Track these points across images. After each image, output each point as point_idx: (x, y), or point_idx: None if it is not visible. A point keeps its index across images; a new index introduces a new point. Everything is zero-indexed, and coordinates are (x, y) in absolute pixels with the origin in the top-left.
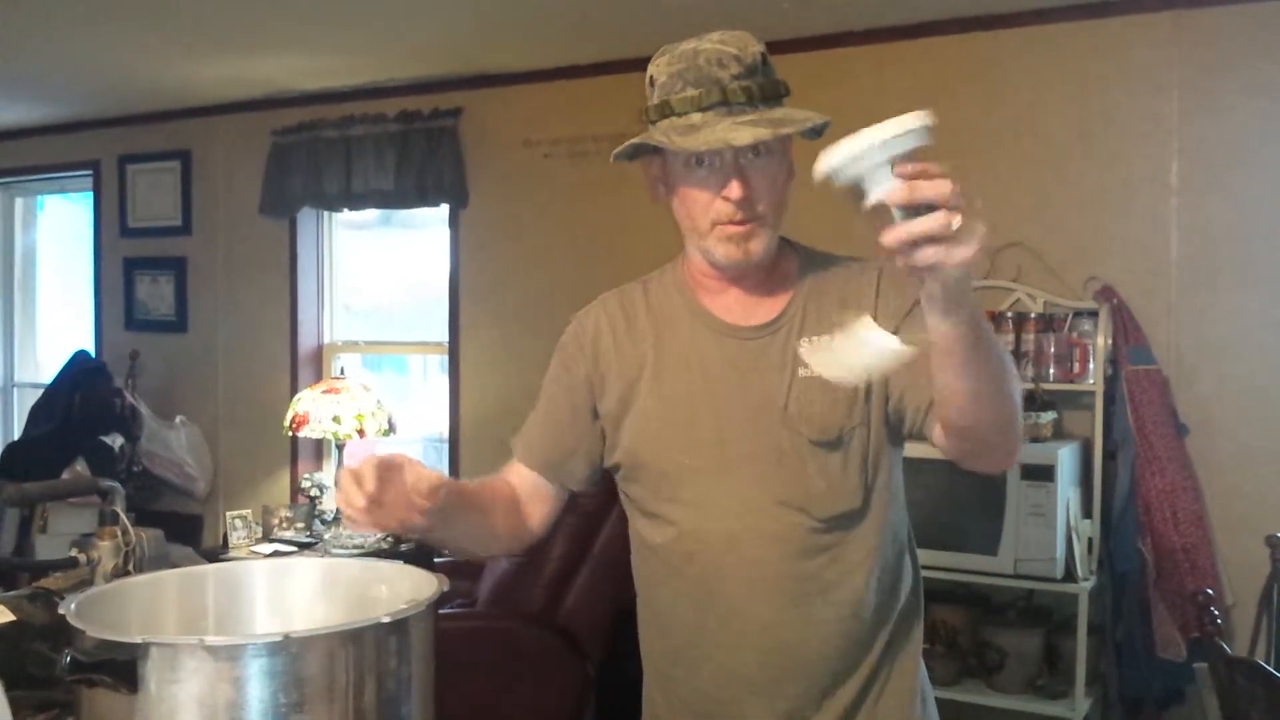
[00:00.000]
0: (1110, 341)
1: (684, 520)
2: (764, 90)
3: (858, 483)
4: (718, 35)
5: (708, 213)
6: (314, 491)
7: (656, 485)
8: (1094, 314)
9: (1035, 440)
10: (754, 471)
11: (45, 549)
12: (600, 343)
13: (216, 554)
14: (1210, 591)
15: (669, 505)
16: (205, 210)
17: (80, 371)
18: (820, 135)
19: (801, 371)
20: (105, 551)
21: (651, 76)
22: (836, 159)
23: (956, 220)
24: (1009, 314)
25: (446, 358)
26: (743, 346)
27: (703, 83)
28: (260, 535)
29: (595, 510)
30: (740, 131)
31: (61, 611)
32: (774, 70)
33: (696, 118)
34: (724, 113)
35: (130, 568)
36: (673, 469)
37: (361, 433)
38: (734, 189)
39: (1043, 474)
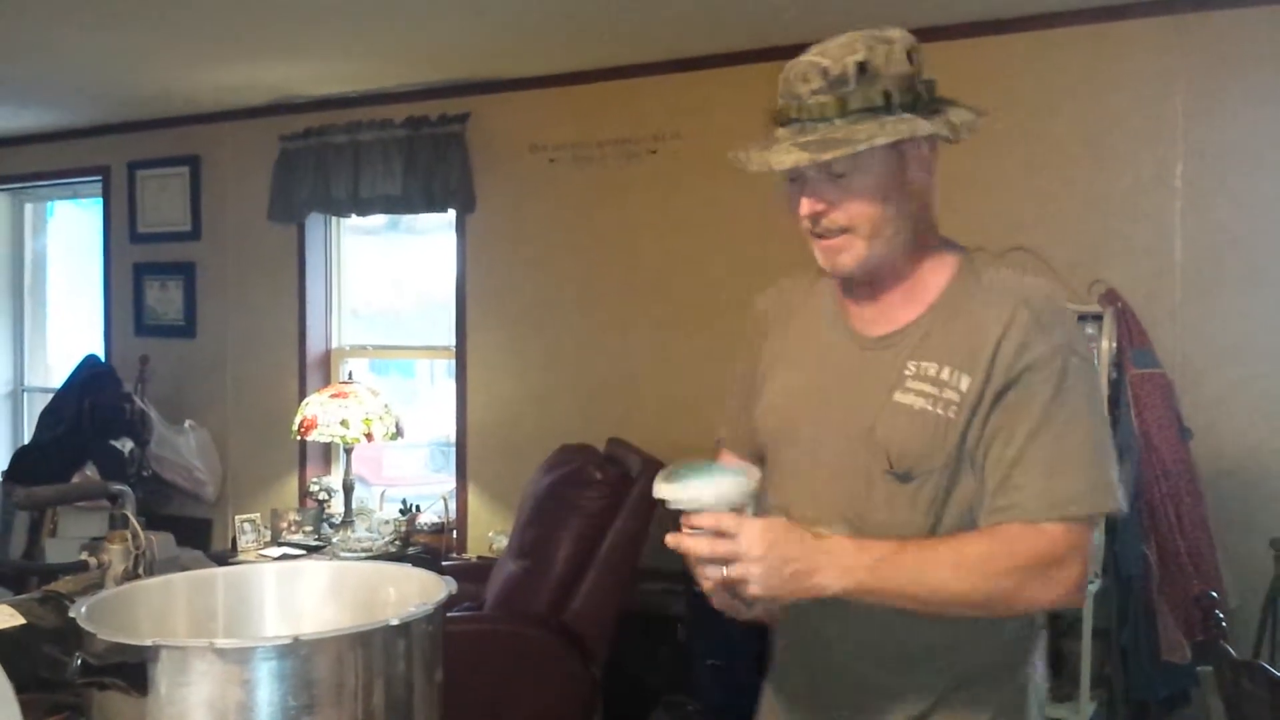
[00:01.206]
0: (1115, 345)
1: (776, 507)
2: (847, 103)
3: (922, 523)
4: (836, 40)
5: (800, 223)
6: (322, 495)
7: (769, 466)
8: (1098, 318)
9: None
10: (829, 482)
11: (55, 553)
12: (767, 323)
13: (225, 558)
14: (1214, 594)
15: (774, 489)
16: (214, 216)
17: (90, 376)
18: (956, 137)
19: (897, 396)
20: (115, 555)
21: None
22: (668, 494)
23: (731, 570)
24: None
25: (453, 362)
26: (860, 356)
27: (786, 97)
28: (269, 539)
29: (601, 513)
30: (786, 155)
31: (72, 615)
32: (879, 77)
33: (779, 132)
34: (796, 130)
35: (140, 571)
36: (777, 457)
37: (369, 437)
38: (803, 205)
39: None
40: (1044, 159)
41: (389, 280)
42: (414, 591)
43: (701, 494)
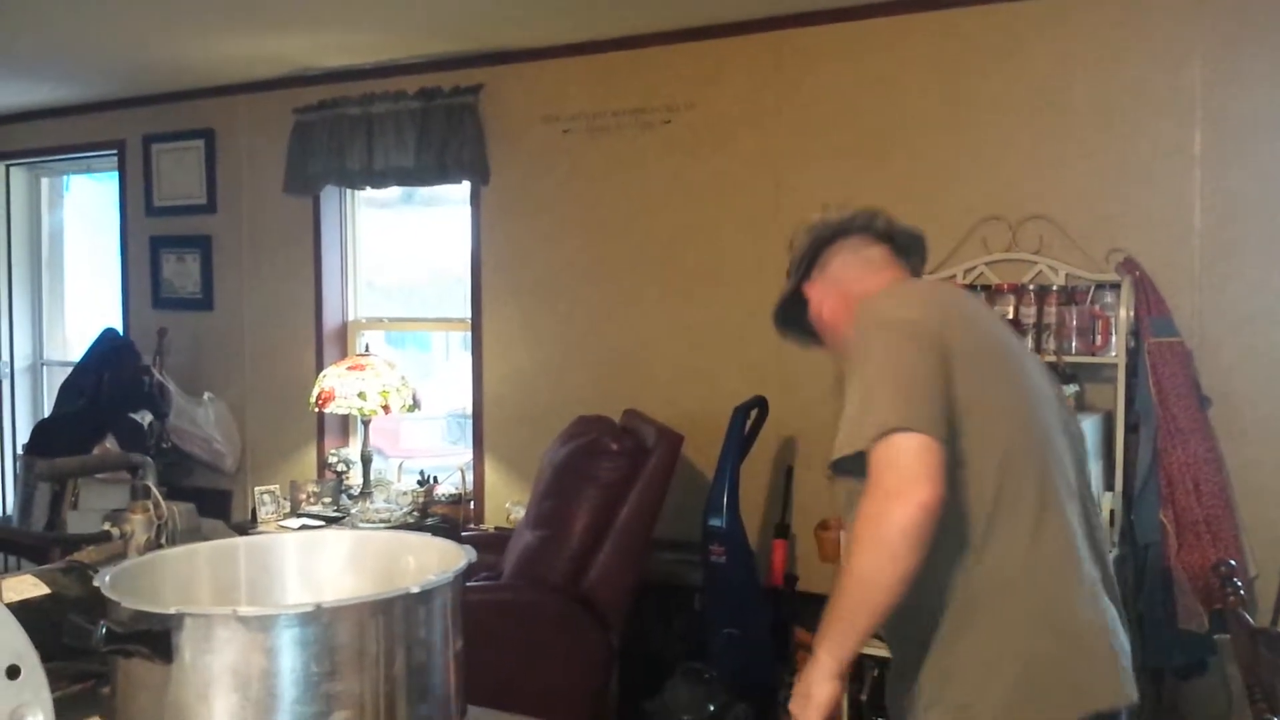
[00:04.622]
0: (1133, 314)
1: None
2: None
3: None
4: None
5: None
6: (340, 467)
7: None
8: (1116, 286)
9: None
10: None
11: (76, 525)
12: None
13: (246, 529)
14: (1233, 562)
15: None
16: (230, 188)
17: (109, 349)
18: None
19: None
20: (138, 525)
21: None
22: None
23: None
24: (1031, 287)
25: (469, 334)
26: None
27: None
28: (288, 510)
29: (618, 483)
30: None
31: (96, 584)
32: (792, 251)
33: None
34: None
35: (163, 541)
36: None
37: (387, 409)
38: None
39: None
40: (1061, 127)
41: (404, 253)
42: (433, 560)
43: None
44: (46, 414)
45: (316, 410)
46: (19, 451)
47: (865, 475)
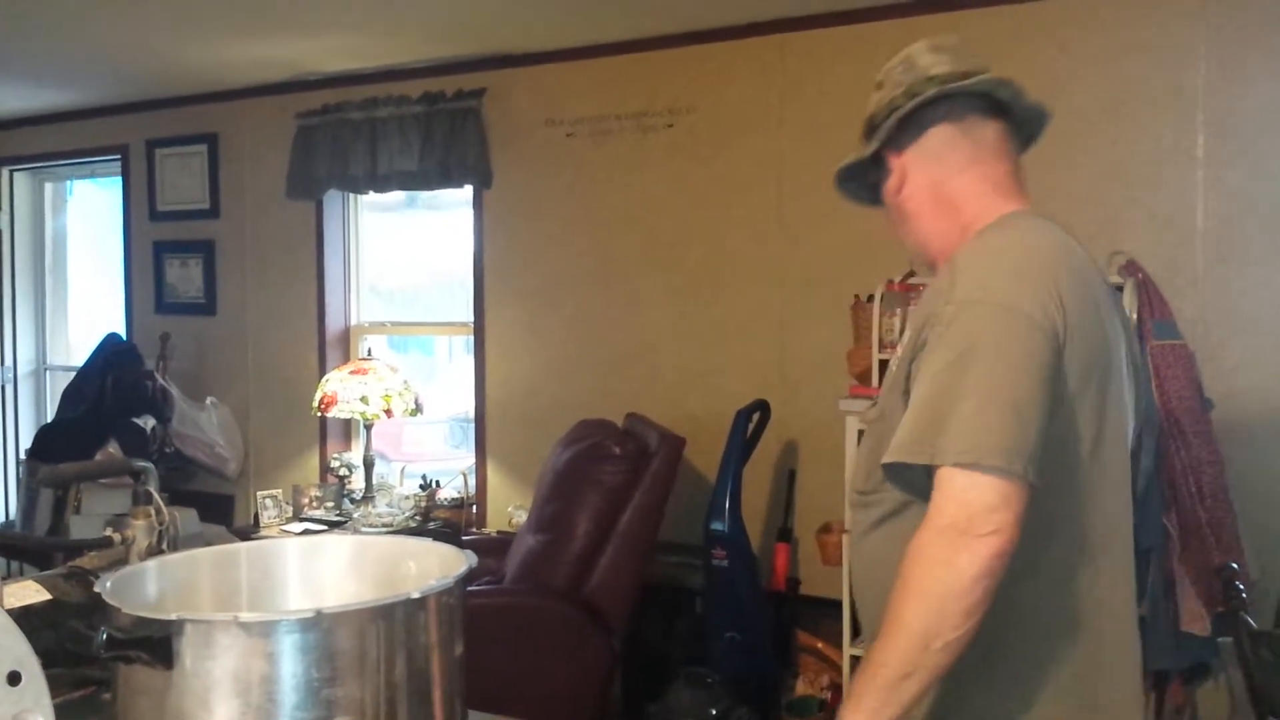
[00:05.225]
0: (1135, 316)
1: None
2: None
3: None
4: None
5: None
6: (343, 471)
7: None
8: (1119, 289)
9: None
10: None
11: (79, 530)
12: None
13: (248, 533)
14: (1235, 565)
15: None
16: (233, 193)
17: (112, 354)
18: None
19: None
20: (139, 530)
21: None
22: None
23: None
24: None
25: (472, 338)
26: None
27: None
28: (290, 514)
29: (620, 487)
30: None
31: (97, 590)
32: (879, 93)
33: None
34: None
35: (164, 546)
36: None
37: (389, 413)
38: None
39: None
40: (1063, 128)
41: (407, 257)
42: (434, 565)
43: None
44: (49, 419)
45: (319, 415)
46: (22, 456)
47: (905, 485)
